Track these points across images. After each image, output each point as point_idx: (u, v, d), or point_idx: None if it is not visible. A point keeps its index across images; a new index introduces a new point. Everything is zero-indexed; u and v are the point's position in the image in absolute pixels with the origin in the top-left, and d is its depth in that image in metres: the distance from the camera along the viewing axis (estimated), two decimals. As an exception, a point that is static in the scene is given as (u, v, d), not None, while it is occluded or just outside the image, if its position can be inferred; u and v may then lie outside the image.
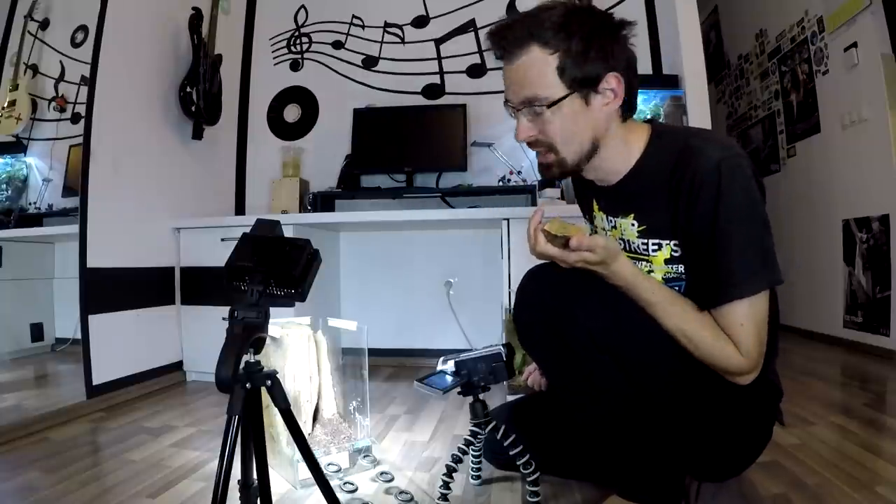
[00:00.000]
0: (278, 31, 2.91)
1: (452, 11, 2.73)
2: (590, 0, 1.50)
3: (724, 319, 0.80)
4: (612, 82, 0.82)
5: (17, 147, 1.91)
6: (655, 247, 0.87)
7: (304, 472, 1.13)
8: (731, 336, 0.80)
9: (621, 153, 0.88)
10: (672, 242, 0.85)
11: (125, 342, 1.97)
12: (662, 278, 0.88)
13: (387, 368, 2.47)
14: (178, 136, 2.35)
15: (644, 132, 0.89)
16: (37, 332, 1.90)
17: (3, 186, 1.88)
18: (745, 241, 0.78)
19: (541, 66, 0.80)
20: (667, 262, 0.87)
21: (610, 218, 0.94)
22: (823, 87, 2.77)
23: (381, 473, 1.22)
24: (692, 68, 2.24)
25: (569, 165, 0.87)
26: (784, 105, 3.18)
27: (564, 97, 0.80)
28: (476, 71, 2.69)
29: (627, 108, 0.86)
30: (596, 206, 0.99)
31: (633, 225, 0.89)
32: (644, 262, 0.90)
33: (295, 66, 2.87)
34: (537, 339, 0.89)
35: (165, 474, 1.23)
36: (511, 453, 0.99)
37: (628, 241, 0.91)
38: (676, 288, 0.87)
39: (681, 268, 0.86)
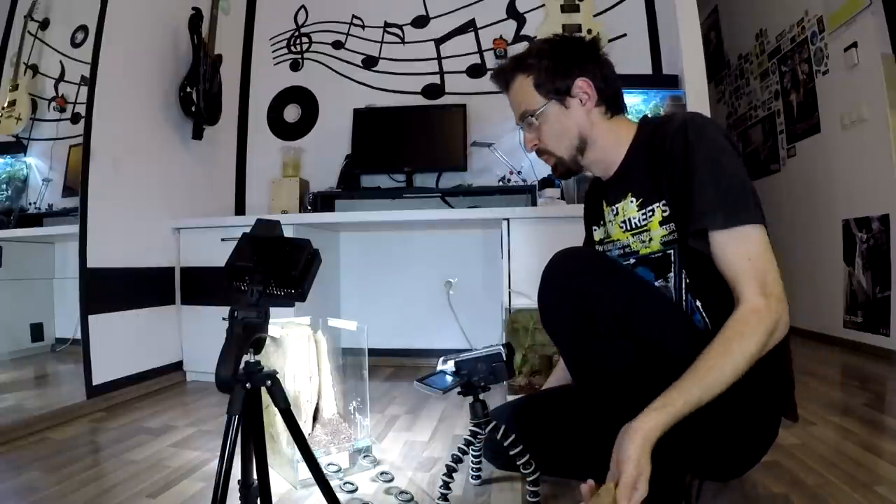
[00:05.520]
0: (278, 31, 2.91)
1: (452, 11, 2.73)
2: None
3: (722, 259, 0.82)
4: (583, 86, 0.97)
5: (17, 147, 1.91)
6: (650, 213, 0.94)
7: (304, 472, 1.13)
8: (739, 281, 0.80)
9: (613, 145, 1.00)
10: (661, 203, 0.92)
11: (125, 342, 1.97)
12: (661, 242, 0.93)
13: (387, 368, 2.47)
14: (178, 136, 2.35)
15: (633, 127, 1.01)
16: (37, 332, 1.90)
17: (3, 186, 1.88)
18: (715, 177, 0.83)
19: (524, 87, 1.00)
20: (661, 223, 0.92)
21: (614, 207, 1.02)
22: (823, 87, 2.77)
23: (381, 473, 1.22)
24: (692, 68, 2.24)
25: (567, 162, 1.00)
26: (784, 105, 3.18)
27: (543, 106, 0.98)
28: (476, 71, 2.69)
29: (612, 107, 1.00)
30: (604, 204, 1.06)
31: (632, 202, 0.97)
32: (644, 234, 0.96)
33: (295, 66, 2.87)
34: (562, 320, 0.89)
35: (165, 474, 1.23)
36: (511, 453, 0.99)
37: (629, 219, 0.98)
38: (672, 251, 0.91)
39: (672, 226, 0.91)
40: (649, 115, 1.10)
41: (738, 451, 0.93)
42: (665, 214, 0.91)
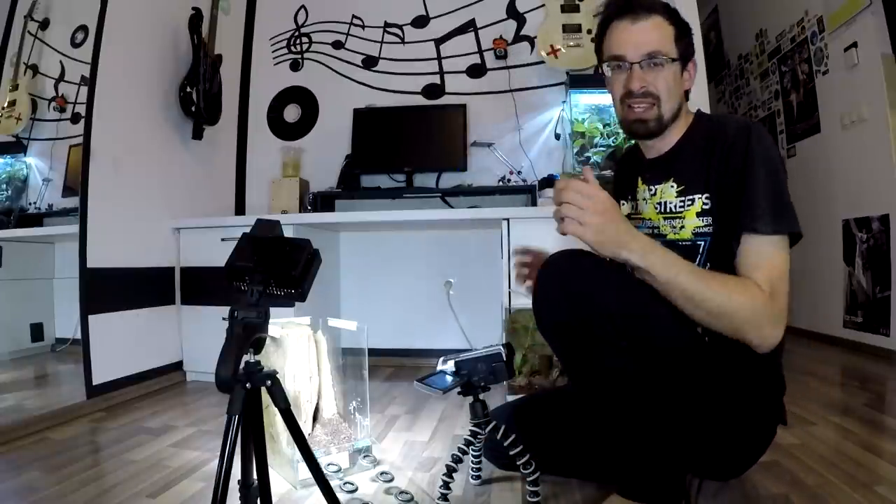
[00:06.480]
0: (278, 31, 2.91)
1: (452, 11, 2.72)
2: None
3: (746, 258, 0.85)
4: (692, 68, 1.02)
5: (17, 147, 1.91)
6: (689, 202, 0.96)
7: (304, 472, 1.13)
8: (751, 273, 0.84)
9: (680, 127, 1.02)
10: (704, 196, 0.94)
11: (125, 342, 1.97)
12: (692, 232, 0.95)
13: (387, 368, 2.47)
14: (178, 136, 2.35)
15: (692, 116, 1.05)
16: (37, 332, 1.90)
17: (3, 186, 1.89)
18: (770, 186, 0.86)
19: (666, 31, 0.97)
20: (698, 215, 0.95)
21: (652, 187, 1.04)
22: (823, 87, 2.77)
23: (381, 473, 1.22)
24: (692, 68, 2.24)
25: (664, 121, 0.98)
26: (784, 105, 3.18)
27: (678, 59, 0.97)
28: (476, 71, 2.69)
29: (686, 99, 1.04)
30: (640, 181, 1.07)
31: (672, 187, 0.99)
32: (677, 220, 0.98)
33: (295, 66, 2.87)
34: (556, 321, 0.89)
35: (165, 474, 1.23)
36: (511, 453, 0.99)
37: (666, 202, 1.00)
38: (702, 242, 0.95)
39: (709, 219, 0.93)
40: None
41: (737, 450, 0.94)
42: (706, 207, 0.93)
